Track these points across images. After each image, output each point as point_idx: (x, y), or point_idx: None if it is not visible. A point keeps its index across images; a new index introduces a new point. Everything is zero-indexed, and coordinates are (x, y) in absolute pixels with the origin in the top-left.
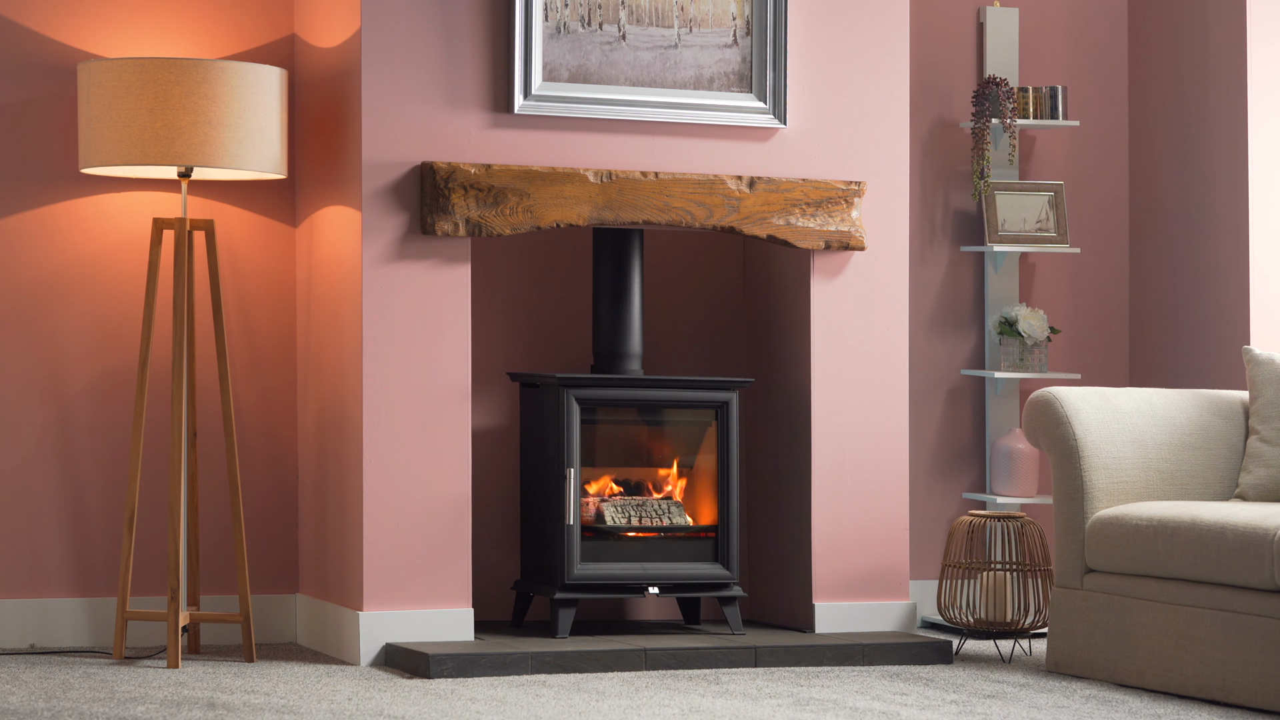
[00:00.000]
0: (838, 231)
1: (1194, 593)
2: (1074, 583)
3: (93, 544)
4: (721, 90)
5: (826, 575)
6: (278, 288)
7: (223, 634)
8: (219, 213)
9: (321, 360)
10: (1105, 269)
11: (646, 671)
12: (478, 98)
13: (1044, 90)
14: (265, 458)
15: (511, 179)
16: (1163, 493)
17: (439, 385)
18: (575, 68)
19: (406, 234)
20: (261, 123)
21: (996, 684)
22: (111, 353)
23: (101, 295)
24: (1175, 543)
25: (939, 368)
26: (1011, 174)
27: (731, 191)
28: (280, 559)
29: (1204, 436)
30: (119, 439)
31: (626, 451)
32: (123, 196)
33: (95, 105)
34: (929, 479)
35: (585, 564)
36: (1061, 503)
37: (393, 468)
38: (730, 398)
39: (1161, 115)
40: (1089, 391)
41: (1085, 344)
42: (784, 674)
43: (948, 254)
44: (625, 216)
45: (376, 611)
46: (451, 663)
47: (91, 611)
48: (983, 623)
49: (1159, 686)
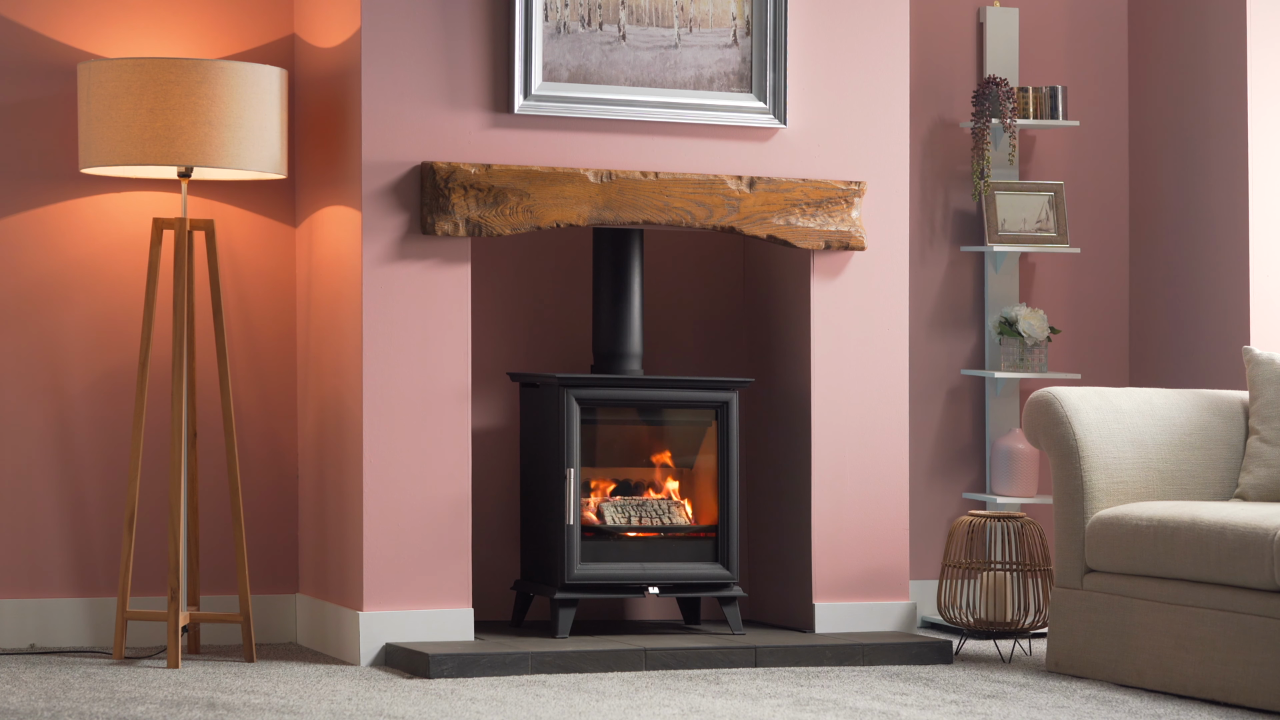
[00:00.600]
0: (838, 231)
1: (1194, 593)
2: (1074, 583)
3: (93, 544)
4: (721, 90)
5: (826, 575)
6: (278, 288)
7: (223, 634)
8: (219, 213)
9: (321, 360)
10: (1105, 269)
11: (646, 671)
12: (478, 98)
13: (1044, 90)
14: (265, 457)
15: (511, 179)
16: (1163, 493)
17: (439, 385)
18: (575, 68)
19: (406, 234)
20: (261, 123)
21: (996, 684)
22: (111, 353)
23: (101, 295)
24: (1175, 543)
25: (939, 368)
26: (1011, 174)
27: (731, 191)
28: (280, 559)
29: (1204, 436)
30: (119, 439)
31: (626, 451)
32: (123, 196)
33: (95, 105)
34: (929, 479)
35: (585, 564)
36: (1061, 503)
37: (393, 467)
38: (730, 398)
39: (1162, 115)
40: (1089, 391)
41: (1085, 344)
42: (784, 674)
43: (948, 254)
44: (625, 216)
45: (376, 611)
46: (451, 663)
47: (91, 611)
48: (983, 623)
49: (1159, 686)
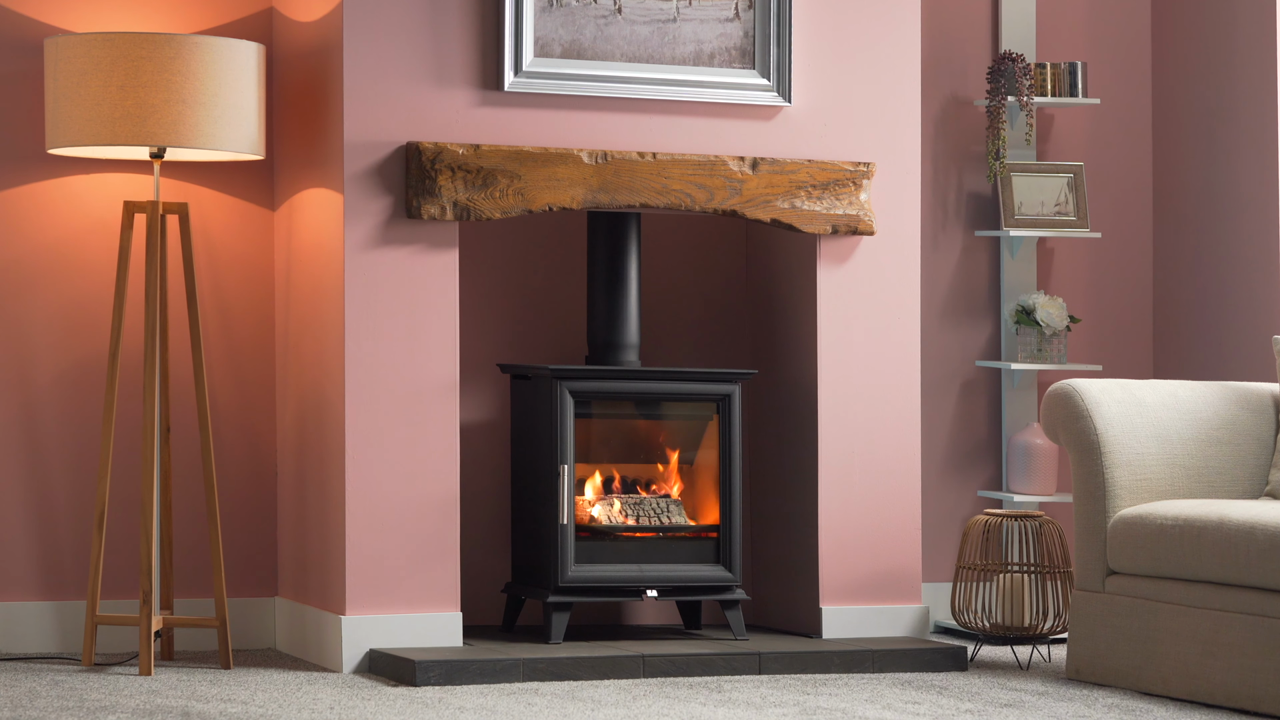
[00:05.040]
0: (845, 215)
1: (1222, 596)
2: (1095, 585)
3: (61, 544)
4: (723, 66)
5: (834, 577)
6: (255, 274)
7: (198, 639)
8: (193, 195)
9: (301, 351)
10: (1127, 254)
11: (644, 679)
12: (466, 74)
13: (1062, 66)
14: (242, 454)
15: (501, 160)
16: (1189, 490)
17: (425, 377)
18: (568, 43)
19: (391, 218)
20: (238, 101)
21: (1014, 692)
22: (80, 343)
23: (70, 283)
24: (1202, 543)
25: (952, 359)
26: (1028, 155)
27: (733, 173)
28: (258, 560)
29: (1232, 431)
30: (88, 434)
31: (623, 447)
32: (92, 178)
33: (63, 82)
34: (942, 476)
35: (580, 565)
36: (1082, 501)
37: (377, 464)
38: (732, 390)
39: (1187, 92)
40: (1111, 384)
41: (1107, 334)
42: (789, 682)
43: (961, 239)
44: (621, 199)
45: (360, 616)
46: (438, 670)
47: (59, 615)
48: (999, 628)
49: (1185, 695)
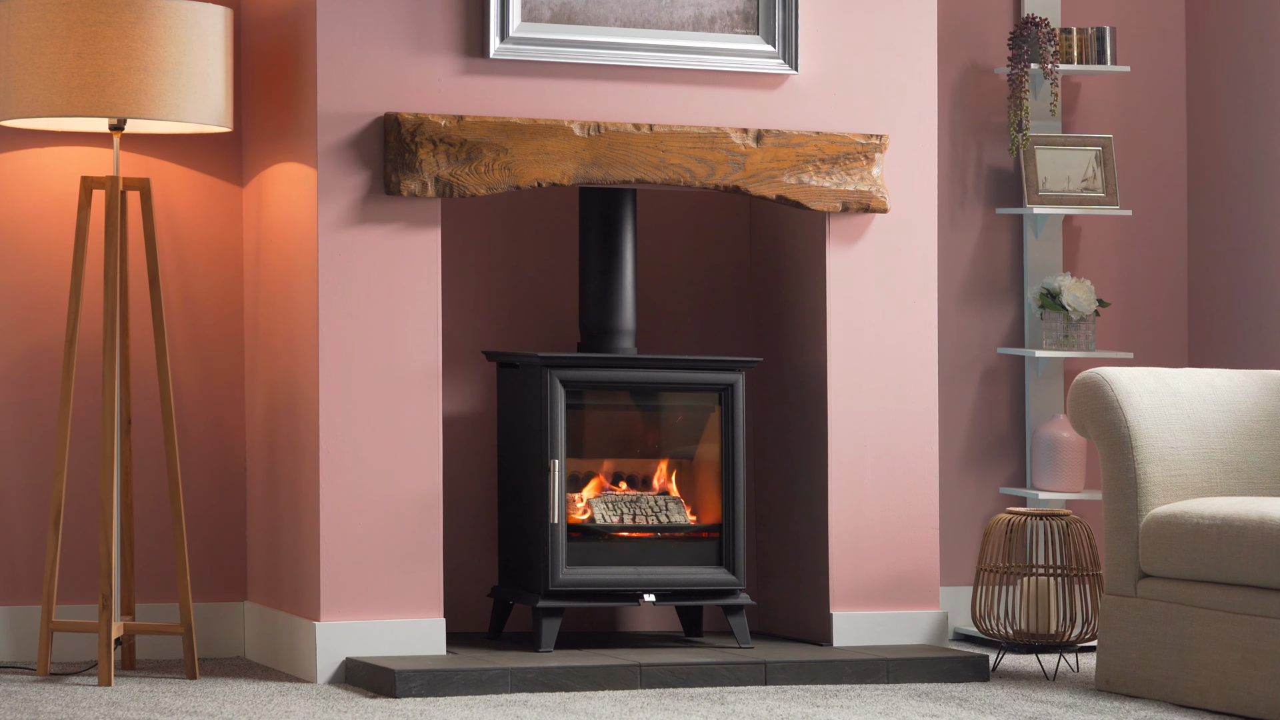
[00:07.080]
0: (856, 191)
1: (1263, 600)
2: (1127, 589)
3: (14, 546)
4: (724, 31)
5: (845, 581)
6: (222, 255)
7: (161, 647)
8: (156, 170)
9: (272, 338)
10: (1160, 234)
11: (641, 690)
12: (448, 40)
13: (1090, 31)
14: (209, 447)
15: (487, 132)
16: (1227, 487)
17: (405, 365)
18: (559, 6)
19: (368, 194)
20: (204, 69)
21: (1039, 705)
22: (34, 329)
23: (23, 264)
24: (1242, 543)
25: (973, 346)
26: (1053, 126)
27: (736, 146)
28: (226, 562)
29: (1273, 423)
30: (43, 427)
31: (618, 441)
32: (46, 152)
33: (15, 49)
34: (961, 472)
35: (572, 568)
36: (1112, 499)
37: (353, 459)
38: (735, 380)
39: (1223, 59)
40: (1142, 372)
41: (1138, 318)
42: (798, 693)
43: (981, 217)
44: (615, 174)
45: (335, 622)
46: (420, 680)
47: (13, 621)
48: (1023, 634)
49: (1223, 707)
